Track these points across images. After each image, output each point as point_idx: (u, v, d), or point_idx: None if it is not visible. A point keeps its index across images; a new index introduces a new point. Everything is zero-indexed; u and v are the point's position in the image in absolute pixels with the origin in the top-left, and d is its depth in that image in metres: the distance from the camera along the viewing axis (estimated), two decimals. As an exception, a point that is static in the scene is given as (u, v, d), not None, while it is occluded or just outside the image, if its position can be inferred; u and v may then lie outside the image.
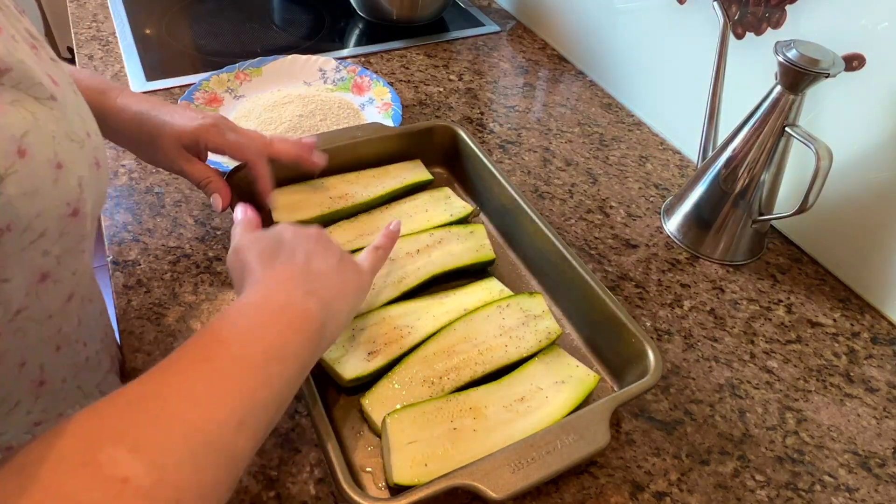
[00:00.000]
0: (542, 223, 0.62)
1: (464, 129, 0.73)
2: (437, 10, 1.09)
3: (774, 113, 0.63)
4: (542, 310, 0.59)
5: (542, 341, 0.57)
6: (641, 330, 0.53)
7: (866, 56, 0.62)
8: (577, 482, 0.50)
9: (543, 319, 0.58)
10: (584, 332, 0.60)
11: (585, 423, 0.47)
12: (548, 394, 0.53)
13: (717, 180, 0.69)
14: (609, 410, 0.48)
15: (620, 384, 0.56)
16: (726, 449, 0.54)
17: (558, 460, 0.45)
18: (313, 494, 0.48)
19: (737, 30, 0.74)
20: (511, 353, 0.55)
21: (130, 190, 0.71)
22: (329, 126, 0.79)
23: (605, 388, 0.57)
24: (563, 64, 1.03)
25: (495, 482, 0.43)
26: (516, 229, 0.67)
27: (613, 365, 0.57)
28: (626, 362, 0.54)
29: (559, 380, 0.54)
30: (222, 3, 1.09)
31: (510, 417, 0.51)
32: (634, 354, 0.53)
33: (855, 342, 0.64)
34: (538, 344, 0.56)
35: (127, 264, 0.63)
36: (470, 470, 0.43)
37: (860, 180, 0.65)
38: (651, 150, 0.86)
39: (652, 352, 0.52)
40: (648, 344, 0.52)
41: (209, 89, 0.83)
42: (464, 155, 0.74)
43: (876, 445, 0.56)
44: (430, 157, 0.76)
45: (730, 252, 0.71)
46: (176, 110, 0.58)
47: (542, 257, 0.63)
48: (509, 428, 0.50)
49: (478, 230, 0.66)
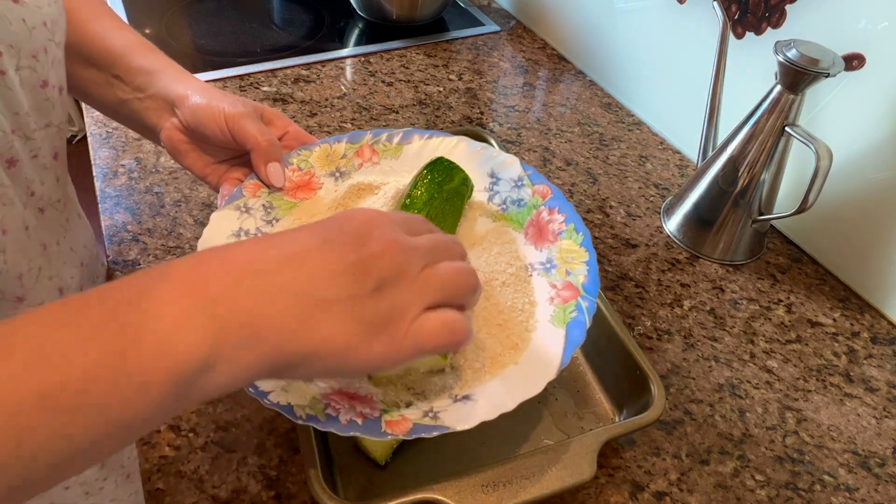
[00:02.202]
0: None
1: (491, 136, 0.70)
2: (437, 9, 1.09)
3: (774, 113, 0.63)
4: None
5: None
6: (649, 363, 0.51)
7: (866, 56, 0.62)
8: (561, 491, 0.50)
9: None
10: (589, 355, 0.58)
11: (571, 454, 0.45)
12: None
13: (717, 180, 0.69)
14: (599, 443, 0.46)
15: (620, 413, 0.54)
16: (726, 449, 0.54)
17: (536, 488, 0.43)
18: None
19: (737, 29, 0.74)
20: None
21: (130, 190, 0.71)
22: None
23: (604, 416, 0.55)
24: (563, 64, 1.03)
25: (465, 501, 0.42)
26: None
27: (615, 393, 0.55)
28: (629, 392, 0.52)
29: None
30: (222, 2, 1.09)
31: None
32: (638, 385, 0.51)
33: (855, 342, 0.64)
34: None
35: (127, 264, 0.63)
36: (442, 485, 0.42)
37: (860, 180, 0.65)
38: (651, 150, 0.86)
39: (656, 388, 0.49)
40: (653, 379, 0.49)
41: (305, 166, 0.52)
42: None
43: (876, 445, 0.56)
44: None
45: (730, 252, 0.71)
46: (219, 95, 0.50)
47: None
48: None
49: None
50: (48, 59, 0.41)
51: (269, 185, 0.49)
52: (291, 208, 0.50)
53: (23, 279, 0.42)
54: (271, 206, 0.49)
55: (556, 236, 0.49)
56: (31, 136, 0.42)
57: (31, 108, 0.41)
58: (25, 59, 0.39)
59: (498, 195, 0.53)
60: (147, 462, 0.48)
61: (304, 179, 0.51)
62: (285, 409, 0.38)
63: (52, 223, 0.46)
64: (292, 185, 0.50)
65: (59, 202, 0.47)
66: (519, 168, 0.53)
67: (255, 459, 0.49)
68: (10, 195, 0.40)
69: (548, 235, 0.49)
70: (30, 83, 0.41)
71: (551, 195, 0.51)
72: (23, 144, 0.41)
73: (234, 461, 0.49)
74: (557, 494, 0.44)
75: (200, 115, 0.48)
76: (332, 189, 0.52)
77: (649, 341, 0.62)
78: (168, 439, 0.50)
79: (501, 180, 0.53)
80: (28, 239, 0.43)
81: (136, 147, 0.77)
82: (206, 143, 0.50)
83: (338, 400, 0.39)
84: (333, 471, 0.48)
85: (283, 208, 0.50)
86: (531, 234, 0.50)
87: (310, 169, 0.51)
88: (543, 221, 0.50)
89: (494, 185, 0.53)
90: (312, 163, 0.52)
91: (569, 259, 0.47)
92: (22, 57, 0.39)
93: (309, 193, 0.51)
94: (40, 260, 0.44)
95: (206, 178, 0.53)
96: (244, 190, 0.49)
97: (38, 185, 0.44)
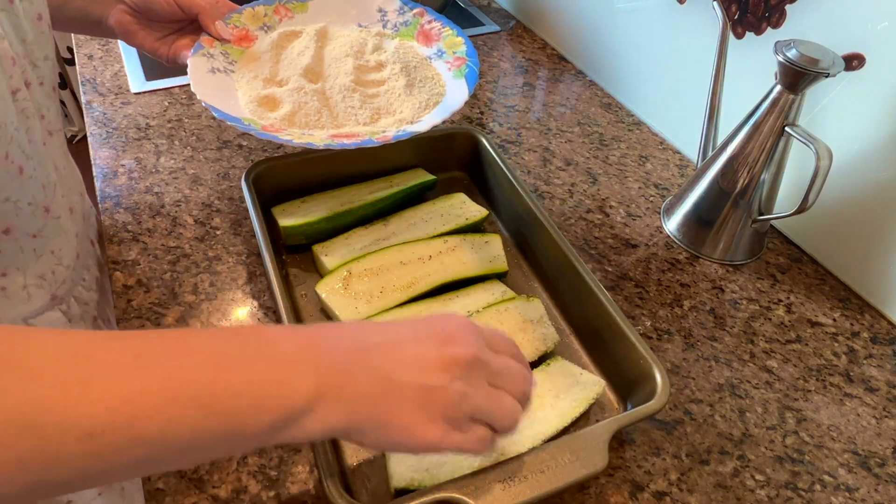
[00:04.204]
0: (556, 235, 0.62)
1: (485, 136, 0.73)
2: (437, 9, 1.09)
3: (774, 113, 0.63)
4: (540, 315, 0.58)
5: (540, 348, 0.56)
6: (651, 352, 0.52)
7: (866, 56, 0.62)
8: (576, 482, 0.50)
9: (541, 325, 0.57)
10: (591, 347, 0.59)
11: (583, 444, 0.46)
12: (550, 401, 0.52)
13: (717, 180, 0.69)
14: (610, 433, 0.46)
15: (625, 404, 0.55)
16: (726, 448, 0.54)
17: (551, 480, 0.44)
18: (313, 494, 0.48)
19: (737, 30, 0.74)
20: None
21: (130, 190, 0.71)
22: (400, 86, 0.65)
23: (609, 406, 0.56)
24: (563, 64, 1.03)
25: (483, 498, 0.42)
26: (531, 238, 0.67)
27: (619, 384, 0.56)
28: (633, 383, 0.53)
29: (563, 387, 0.53)
30: (222, 2, 1.09)
31: None
32: (641, 375, 0.52)
33: (855, 342, 0.64)
34: (535, 351, 0.56)
35: (127, 264, 0.63)
36: (459, 483, 0.43)
37: (860, 180, 0.65)
38: (651, 150, 0.86)
39: (660, 375, 0.50)
40: (657, 367, 0.50)
41: (240, 24, 0.67)
42: (484, 162, 0.73)
43: (876, 445, 0.56)
44: (449, 163, 0.76)
45: (730, 252, 0.71)
46: None
47: (554, 268, 0.63)
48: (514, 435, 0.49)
49: (493, 240, 0.65)
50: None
51: (218, 38, 0.63)
52: (241, 54, 0.65)
53: (45, 190, 0.50)
54: (227, 53, 0.64)
55: (438, 36, 0.70)
56: (37, 65, 0.49)
57: (33, 38, 0.48)
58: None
59: (389, 23, 0.72)
60: (147, 462, 0.48)
61: (242, 33, 0.67)
62: (307, 144, 0.55)
63: (57, 148, 0.54)
64: (235, 37, 0.65)
65: (59, 131, 0.54)
66: (397, 1, 0.72)
67: (255, 459, 0.49)
68: (30, 110, 0.47)
69: (432, 36, 0.70)
70: (29, 14, 0.47)
71: (426, 13, 0.71)
72: (32, 71, 0.48)
73: (234, 461, 0.49)
74: (572, 486, 0.45)
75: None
76: (266, 38, 0.67)
77: (649, 341, 0.62)
78: (168, 439, 0.50)
79: (388, 12, 0.72)
80: (46, 154, 0.50)
81: (136, 147, 0.77)
82: (155, 20, 0.61)
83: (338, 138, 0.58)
84: (345, 473, 0.49)
85: (235, 53, 0.65)
86: (420, 40, 0.71)
87: (244, 26, 0.67)
88: (426, 29, 0.70)
89: (384, 17, 0.72)
90: (244, 21, 0.67)
91: (452, 46, 0.68)
92: None
93: (249, 43, 0.67)
94: (54, 176, 0.52)
95: (156, 52, 0.63)
96: (202, 42, 0.63)
97: (46, 111, 0.51)
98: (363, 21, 0.72)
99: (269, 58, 0.65)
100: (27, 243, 0.49)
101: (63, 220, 0.53)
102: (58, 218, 0.52)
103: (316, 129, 0.60)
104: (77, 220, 0.57)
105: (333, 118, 0.61)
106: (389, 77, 0.64)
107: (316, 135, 0.58)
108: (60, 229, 0.53)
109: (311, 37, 0.66)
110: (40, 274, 0.51)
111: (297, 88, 0.61)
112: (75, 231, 0.56)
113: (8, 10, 0.44)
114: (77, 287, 0.57)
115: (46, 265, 0.52)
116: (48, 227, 0.51)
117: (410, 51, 0.68)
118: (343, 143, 0.56)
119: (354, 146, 0.55)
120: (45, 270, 0.52)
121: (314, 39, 0.66)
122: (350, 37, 0.68)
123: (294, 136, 0.56)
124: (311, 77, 0.63)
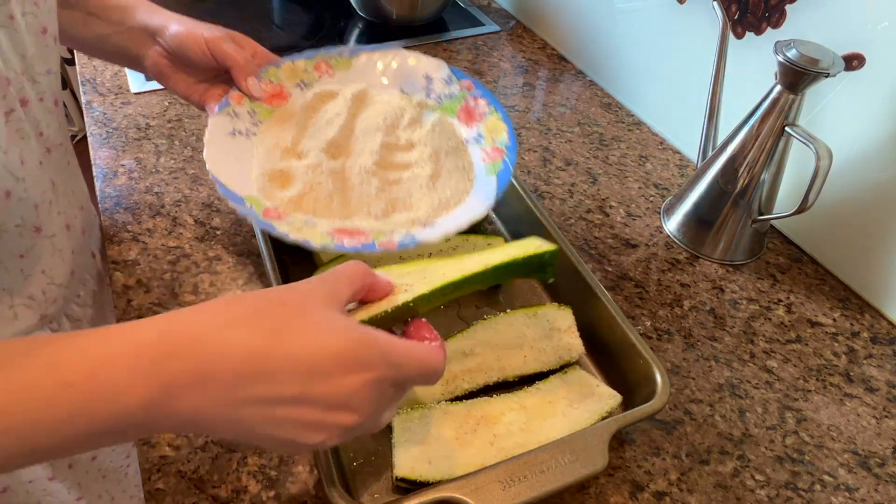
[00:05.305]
0: (556, 235, 0.61)
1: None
2: (437, 9, 1.09)
3: (774, 113, 0.63)
4: (568, 325, 0.57)
5: (563, 357, 0.56)
6: (651, 352, 0.52)
7: (866, 56, 0.62)
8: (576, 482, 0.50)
9: (567, 335, 0.57)
10: (591, 347, 0.59)
11: (583, 444, 0.46)
12: (563, 409, 0.52)
13: (717, 180, 0.69)
14: (610, 432, 0.46)
15: (625, 404, 0.54)
16: (726, 448, 0.54)
17: (551, 480, 0.44)
18: (313, 494, 0.48)
19: (737, 29, 0.74)
20: (529, 364, 0.55)
21: (130, 190, 0.71)
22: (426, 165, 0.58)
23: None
24: (563, 64, 1.03)
25: (483, 498, 0.42)
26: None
27: (619, 384, 0.55)
28: (633, 383, 0.53)
29: (577, 397, 0.53)
30: (222, 3, 1.09)
31: (523, 429, 0.50)
32: (641, 375, 0.52)
33: (855, 342, 0.64)
34: (558, 360, 0.55)
35: (127, 264, 0.63)
36: (460, 483, 0.43)
37: (860, 180, 0.65)
38: (651, 150, 0.86)
39: (660, 375, 0.50)
40: (657, 367, 0.50)
41: (275, 79, 0.62)
42: None
43: (876, 445, 0.56)
44: None
45: (730, 252, 0.71)
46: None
47: None
48: (521, 438, 0.49)
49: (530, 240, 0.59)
50: (46, 6, 0.47)
51: (249, 95, 0.59)
52: (270, 113, 0.61)
53: (38, 209, 0.48)
54: (254, 111, 0.60)
55: (481, 116, 0.63)
56: (37, 80, 0.47)
57: (35, 52, 0.46)
58: (29, 5, 0.45)
59: (433, 92, 0.65)
60: (147, 462, 0.48)
61: (276, 90, 0.62)
62: (303, 242, 0.50)
63: (56, 163, 0.52)
64: (267, 94, 0.61)
65: (60, 146, 0.53)
66: (447, 69, 0.65)
67: (255, 459, 0.49)
68: (26, 130, 0.46)
69: (475, 116, 0.63)
70: (33, 28, 0.46)
71: (475, 87, 0.64)
72: (31, 87, 0.47)
73: (234, 461, 0.49)
74: (572, 486, 0.45)
75: (183, 42, 0.56)
76: (300, 97, 0.62)
77: (649, 341, 0.62)
78: (168, 439, 0.50)
79: (434, 80, 0.65)
80: (41, 173, 0.49)
81: (136, 147, 0.77)
82: (189, 65, 0.58)
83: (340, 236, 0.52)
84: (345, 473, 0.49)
85: (263, 113, 0.60)
86: (462, 118, 0.64)
87: (279, 82, 0.62)
88: (470, 107, 0.64)
89: (430, 84, 0.65)
90: (280, 77, 0.62)
91: (493, 132, 0.61)
92: (26, 3, 0.44)
93: (282, 101, 0.62)
94: (50, 194, 0.51)
95: (189, 97, 0.60)
96: (230, 99, 0.59)
97: (45, 127, 0.49)
98: (406, 86, 0.65)
99: (297, 122, 0.60)
100: (13, 264, 0.48)
101: (57, 239, 0.52)
102: (52, 237, 0.51)
103: (322, 217, 0.54)
104: (75, 236, 0.56)
105: (344, 205, 0.55)
106: (416, 162, 0.58)
107: (318, 226, 0.53)
108: (54, 248, 0.52)
109: (347, 101, 0.61)
110: (29, 294, 0.50)
111: (315, 166, 0.56)
112: (71, 248, 0.55)
113: (8, 26, 0.43)
114: (70, 305, 0.56)
115: (36, 285, 0.51)
116: (38, 246, 0.50)
117: (448, 130, 0.61)
118: (342, 246, 0.50)
119: (353, 251, 0.50)
120: (35, 290, 0.51)
121: (349, 104, 0.60)
122: (389, 104, 0.61)
123: (293, 228, 0.51)
124: (333, 152, 0.58)
